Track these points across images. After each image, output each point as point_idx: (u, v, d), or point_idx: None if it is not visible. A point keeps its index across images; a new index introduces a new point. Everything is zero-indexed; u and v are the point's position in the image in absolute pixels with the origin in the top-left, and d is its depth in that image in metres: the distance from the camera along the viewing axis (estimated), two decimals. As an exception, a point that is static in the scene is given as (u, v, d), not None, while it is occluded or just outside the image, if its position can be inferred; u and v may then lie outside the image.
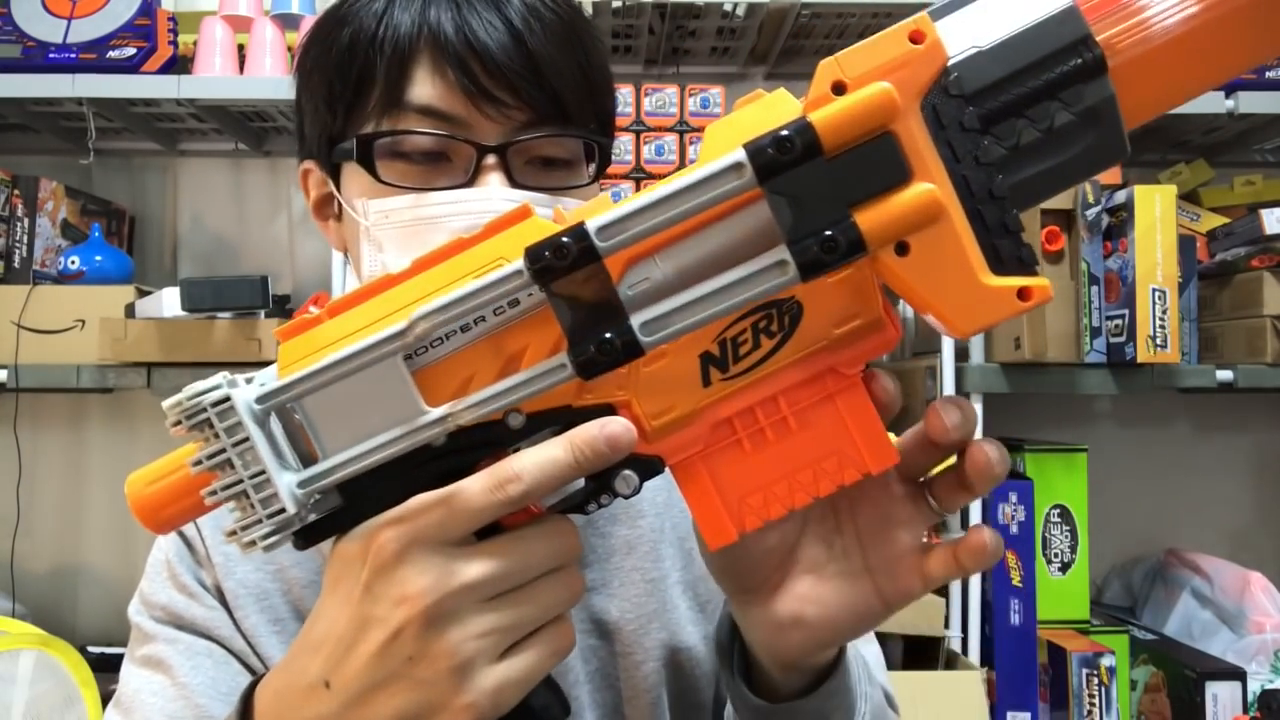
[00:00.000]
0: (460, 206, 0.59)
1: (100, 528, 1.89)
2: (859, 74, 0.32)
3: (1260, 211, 1.57)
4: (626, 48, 1.83)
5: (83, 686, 1.45)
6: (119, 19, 1.63)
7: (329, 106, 0.62)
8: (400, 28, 0.59)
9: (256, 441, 0.38)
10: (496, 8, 0.59)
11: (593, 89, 0.63)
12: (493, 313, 0.38)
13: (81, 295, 1.61)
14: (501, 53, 0.58)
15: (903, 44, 0.32)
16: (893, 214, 0.32)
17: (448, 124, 0.59)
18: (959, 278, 0.33)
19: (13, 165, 1.75)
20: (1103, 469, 1.79)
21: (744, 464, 0.38)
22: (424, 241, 0.60)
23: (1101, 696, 1.56)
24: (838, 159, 0.32)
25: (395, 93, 0.59)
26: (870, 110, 0.32)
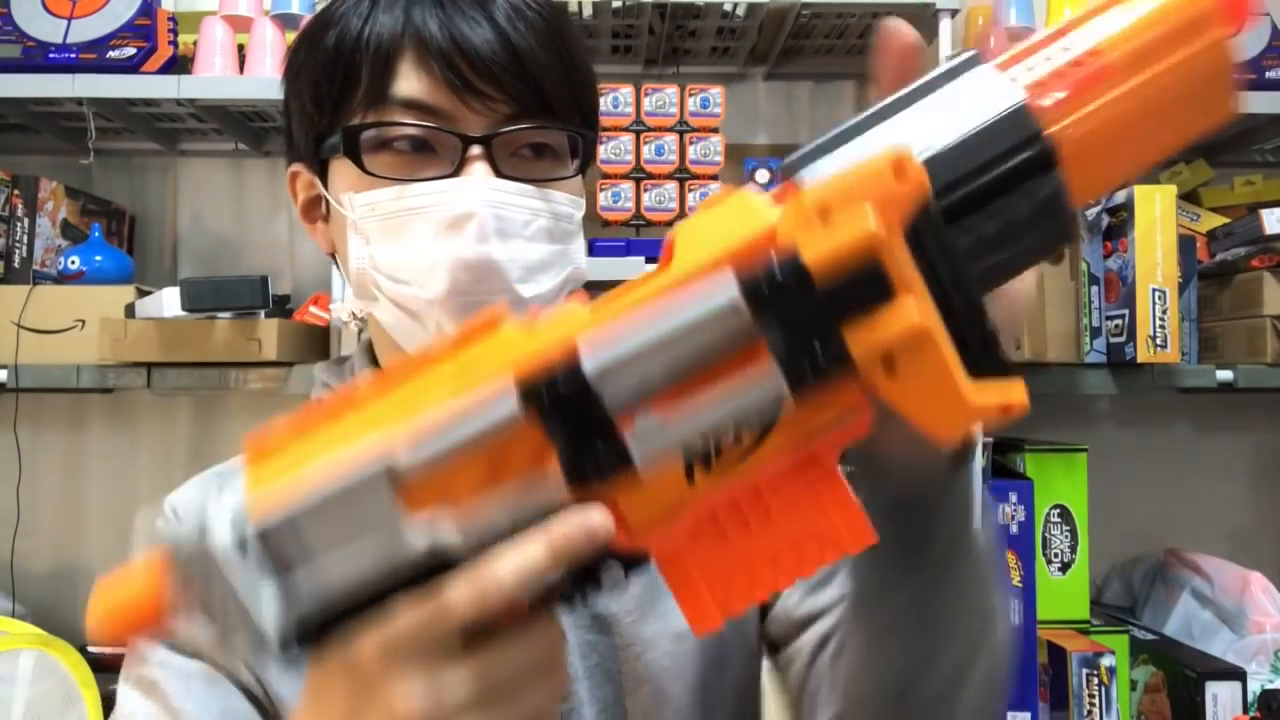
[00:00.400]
0: (445, 196, 0.60)
1: (100, 528, 1.89)
2: (846, 204, 0.33)
3: (1260, 211, 1.57)
4: (626, 48, 1.83)
5: (83, 686, 1.45)
6: (119, 19, 1.63)
7: (316, 105, 0.63)
8: (385, 26, 0.60)
9: (237, 586, 0.37)
10: (480, 6, 0.60)
11: (575, 85, 0.63)
12: (487, 427, 0.37)
13: (81, 295, 1.61)
14: (485, 47, 0.59)
15: (887, 176, 0.33)
16: (881, 334, 0.33)
17: (433, 116, 0.60)
18: (943, 394, 0.33)
19: (13, 165, 1.75)
20: (1103, 469, 1.79)
21: (728, 552, 0.39)
22: (409, 232, 0.60)
23: (1101, 696, 1.56)
24: (827, 284, 0.33)
25: (380, 88, 0.60)
26: (858, 244, 0.33)
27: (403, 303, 0.62)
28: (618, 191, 1.61)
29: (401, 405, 0.38)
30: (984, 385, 0.34)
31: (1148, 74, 0.37)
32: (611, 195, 1.61)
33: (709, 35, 1.76)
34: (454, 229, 0.60)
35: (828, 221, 0.33)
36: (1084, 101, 0.37)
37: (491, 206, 0.60)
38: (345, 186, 0.63)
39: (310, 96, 0.63)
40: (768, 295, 0.33)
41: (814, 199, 0.33)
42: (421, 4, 0.60)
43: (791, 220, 0.34)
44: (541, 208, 0.62)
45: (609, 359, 0.35)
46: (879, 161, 0.33)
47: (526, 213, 0.61)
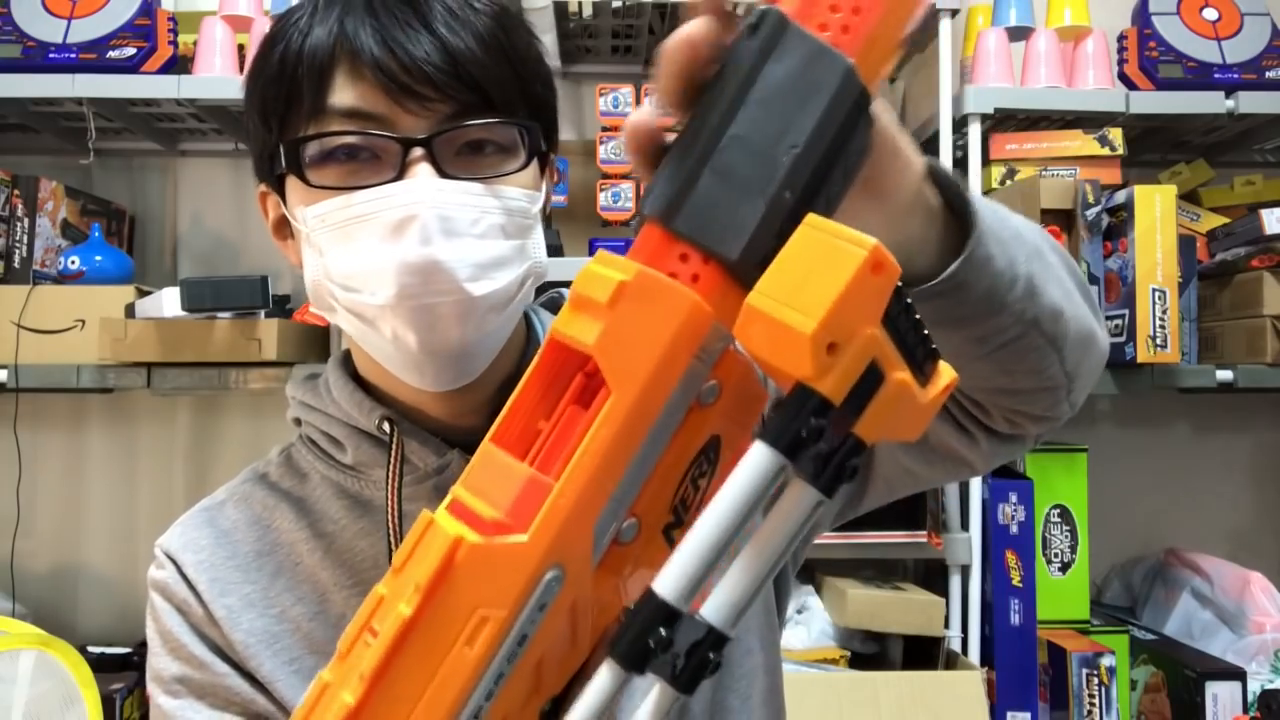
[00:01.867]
0: (388, 201, 0.59)
1: (100, 528, 1.89)
2: (845, 330, 0.33)
3: (1260, 211, 1.57)
4: (627, 48, 1.83)
5: (83, 686, 1.45)
6: (119, 19, 1.63)
7: (264, 123, 0.63)
8: (319, 39, 0.60)
9: None
10: (414, 9, 0.60)
11: (521, 78, 0.63)
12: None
13: (81, 295, 1.61)
14: (418, 49, 0.59)
15: (868, 279, 0.33)
16: (882, 417, 0.34)
17: (371, 123, 0.60)
18: (909, 413, 0.35)
19: (13, 165, 1.75)
20: (1103, 469, 1.79)
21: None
22: (357, 240, 0.60)
23: (1101, 696, 1.56)
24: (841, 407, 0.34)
25: (319, 101, 0.60)
26: (863, 362, 0.33)
27: (357, 310, 0.62)
28: (617, 191, 1.61)
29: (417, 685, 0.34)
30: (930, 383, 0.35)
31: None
32: (611, 195, 1.61)
33: (709, 35, 1.76)
34: (397, 232, 0.59)
35: (835, 353, 0.33)
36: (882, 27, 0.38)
37: (434, 207, 0.59)
38: (297, 201, 0.63)
39: (259, 114, 0.64)
40: (808, 444, 0.33)
41: (820, 335, 0.32)
42: (354, 14, 0.60)
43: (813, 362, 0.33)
44: (492, 204, 0.62)
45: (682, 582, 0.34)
46: (855, 263, 0.32)
47: (474, 210, 0.61)
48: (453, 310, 0.60)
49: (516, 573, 0.34)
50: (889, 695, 1.46)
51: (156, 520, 1.87)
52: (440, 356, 0.62)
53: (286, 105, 0.62)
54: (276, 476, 0.72)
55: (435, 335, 0.60)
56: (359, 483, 0.68)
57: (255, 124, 0.65)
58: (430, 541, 0.34)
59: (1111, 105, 1.67)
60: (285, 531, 0.69)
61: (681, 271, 0.36)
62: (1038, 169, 1.68)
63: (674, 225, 0.36)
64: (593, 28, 1.75)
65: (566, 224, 1.70)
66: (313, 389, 0.72)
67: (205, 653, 0.66)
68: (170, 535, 0.70)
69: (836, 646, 1.60)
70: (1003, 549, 1.61)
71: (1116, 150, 1.68)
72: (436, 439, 0.67)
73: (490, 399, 0.68)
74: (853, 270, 0.32)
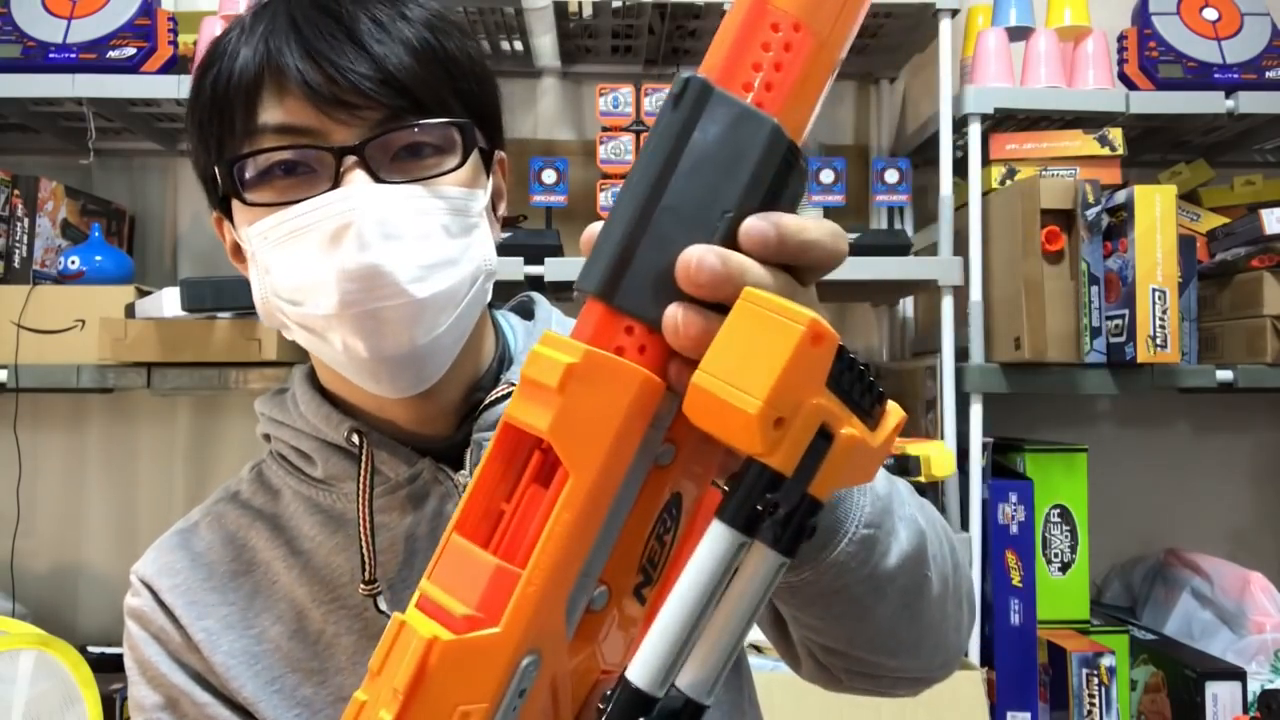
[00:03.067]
0: (325, 210, 0.59)
1: (100, 528, 1.89)
2: (790, 404, 0.33)
3: (1260, 211, 1.57)
4: (627, 48, 1.83)
5: (83, 686, 1.45)
6: (119, 19, 1.63)
7: (204, 148, 0.64)
8: (246, 59, 0.60)
9: None
10: (337, 21, 0.60)
11: (454, 78, 0.63)
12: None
13: (81, 295, 1.61)
14: (343, 59, 0.59)
15: (807, 351, 0.33)
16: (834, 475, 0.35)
17: (303, 137, 0.60)
18: (860, 460, 0.35)
19: (13, 165, 1.75)
20: (1103, 469, 1.79)
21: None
22: (297, 252, 0.60)
23: (1101, 696, 1.56)
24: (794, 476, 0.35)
25: (250, 120, 0.60)
26: (810, 431, 0.34)
27: (306, 324, 0.62)
28: (617, 191, 1.61)
29: None
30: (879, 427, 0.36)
31: (848, 28, 0.39)
32: (611, 195, 1.61)
33: (709, 35, 1.75)
34: (334, 241, 0.59)
35: (782, 428, 0.33)
36: (807, 84, 0.38)
37: (369, 211, 0.59)
38: (242, 222, 0.63)
39: (198, 140, 0.64)
40: (761, 517, 0.34)
41: (766, 414, 0.33)
42: (278, 33, 0.60)
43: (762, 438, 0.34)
44: (432, 205, 0.61)
45: (654, 667, 0.34)
46: (794, 338, 0.33)
47: (413, 213, 0.60)
48: (399, 314, 0.60)
49: (493, 666, 0.34)
50: (889, 695, 1.45)
51: (156, 520, 1.87)
52: (393, 361, 0.61)
53: (220, 128, 0.62)
54: (248, 494, 0.71)
55: (385, 341, 0.60)
56: (331, 496, 0.68)
57: (197, 151, 0.65)
58: (405, 644, 0.34)
59: (1111, 105, 1.67)
60: (260, 550, 0.69)
61: (628, 345, 0.37)
62: (1038, 169, 1.68)
63: (615, 301, 0.37)
64: (593, 28, 1.75)
65: (566, 224, 1.69)
66: (280, 404, 0.71)
67: (185, 680, 0.66)
68: (145, 561, 0.70)
69: (836, 646, 1.60)
70: (1003, 549, 1.61)
71: (1116, 150, 1.68)
72: (406, 448, 0.66)
73: (457, 404, 0.67)
74: (792, 346, 0.33)
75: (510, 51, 1.87)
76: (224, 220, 0.67)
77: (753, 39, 0.38)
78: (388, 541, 0.66)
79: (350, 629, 0.66)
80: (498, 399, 0.67)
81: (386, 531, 0.66)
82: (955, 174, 1.66)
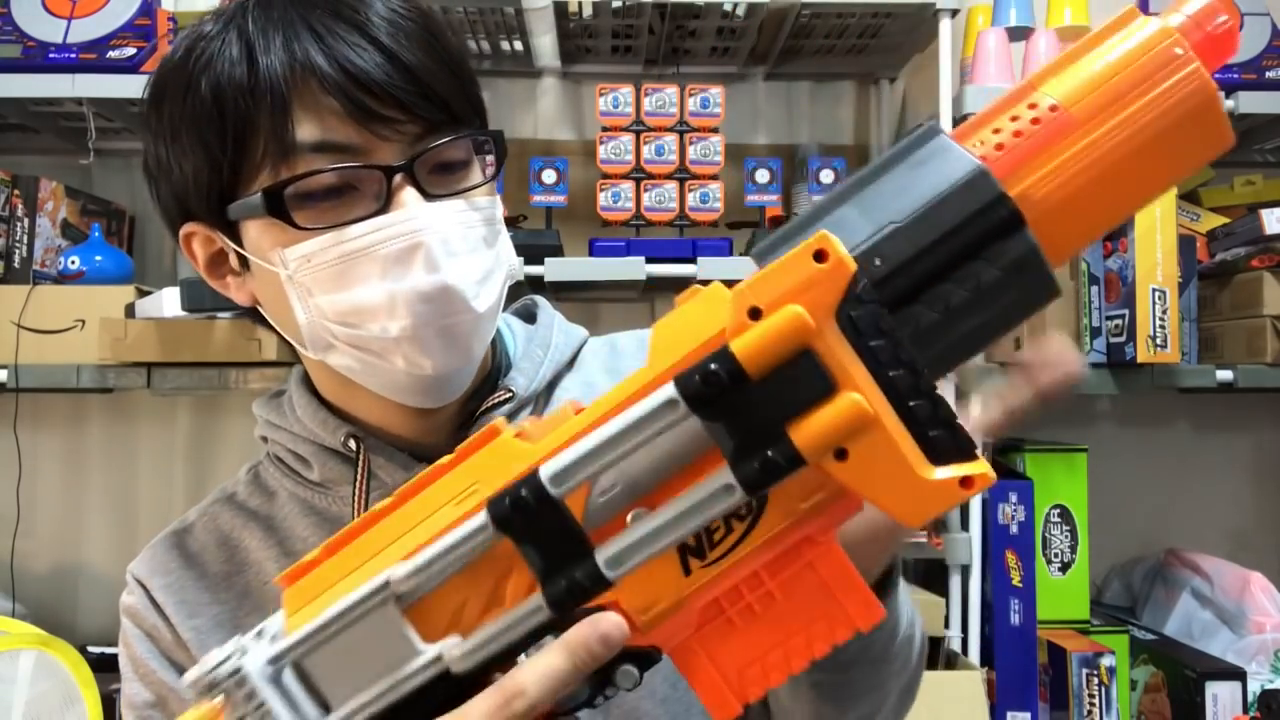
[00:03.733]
0: (386, 232, 0.58)
1: (100, 528, 1.89)
2: (772, 299, 0.34)
3: (1260, 211, 1.57)
4: (626, 48, 1.83)
5: (83, 686, 1.45)
6: (119, 19, 1.63)
7: (211, 165, 0.59)
8: (273, 69, 0.56)
9: (272, 704, 0.40)
10: (359, 29, 0.58)
11: (463, 83, 0.62)
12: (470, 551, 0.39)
13: (81, 295, 1.61)
14: (379, 72, 0.57)
15: (808, 264, 0.34)
16: (824, 426, 0.34)
17: (347, 154, 0.58)
18: (899, 475, 0.34)
19: (13, 165, 1.75)
20: (1103, 469, 1.79)
21: (737, 639, 0.39)
22: (357, 275, 0.58)
23: (1101, 696, 1.56)
24: (764, 380, 0.34)
25: (283, 137, 0.57)
26: (785, 333, 0.33)
27: (363, 345, 0.60)
28: (618, 191, 1.61)
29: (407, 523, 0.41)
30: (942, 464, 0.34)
31: (1114, 120, 0.37)
32: (611, 195, 1.61)
33: (709, 35, 1.76)
34: (402, 263, 0.58)
35: (757, 318, 0.33)
36: (1048, 157, 0.37)
37: (435, 232, 0.58)
38: (272, 243, 0.59)
39: (201, 156, 0.59)
40: (701, 389, 0.34)
41: (742, 298, 0.34)
42: (298, 38, 0.57)
43: (733, 320, 0.35)
44: (474, 218, 0.61)
45: (563, 463, 0.37)
46: (801, 250, 0.34)
47: (462, 228, 0.60)
48: (465, 329, 0.60)
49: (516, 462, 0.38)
50: (889, 695, 1.45)
51: (156, 520, 1.87)
52: (451, 375, 0.62)
53: (238, 144, 0.58)
54: (244, 496, 0.71)
55: (452, 356, 0.60)
56: (326, 499, 0.68)
57: (192, 165, 0.60)
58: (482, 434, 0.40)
59: (1111, 105, 1.66)
60: (253, 550, 0.69)
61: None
62: (1038, 169, 1.67)
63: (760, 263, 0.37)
64: (593, 28, 1.75)
65: (566, 224, 1.69)
66: (277, 407, 0.71)
67: (174, 677, 0.66)
68: (140, 560, 0.70)
69: (836, 646, 1.60)
70: (1003, 549, 1.61)
71: (1116, 150, 1.67)
72: (403, 454, 0.66)
73: (456, 414, 0.67)
74: (791, 254, 0.34)
75: (510, 51, 1.86)
76: (196, 235, 0.63)
77: (1004, 112, 0.38)
78: None
79: None
80: (494, 405, 0.67)
81: None
82: (955, 174, 1.66)
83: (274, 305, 0.63)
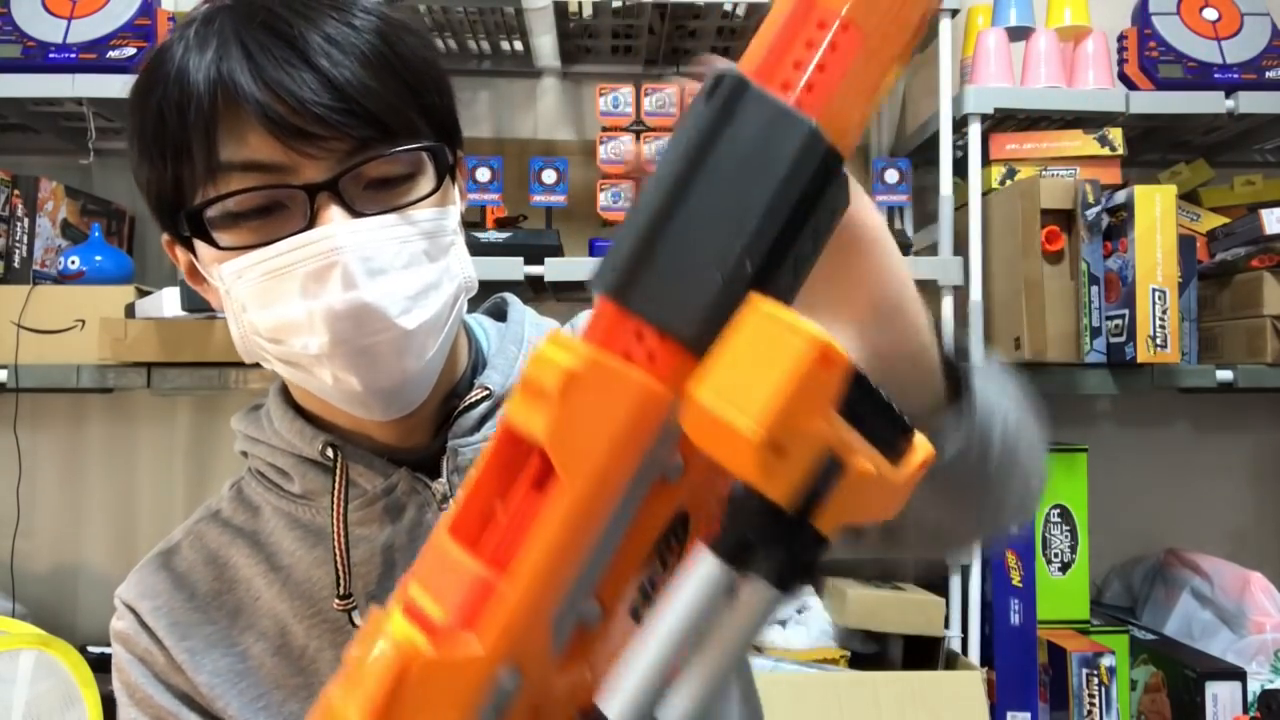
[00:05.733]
0: (307, 250, 0.57)
1: (100, 528, 1.89)
2: (793, 428, 0.31)
3: (1260, 211, 1.57)
4: (626, 48, 1.83)
5: (83, 686, 1.45)
6: (119, 19, 1.63)
7: (158, 179, 0.60)
8: (198, 87, 0.56)
9: None
10: (290, 45, 0.57)
11: (414, 93, 0.60)
12: None
13: (81, 295, 1.61)
14: (304, 89, 0.56)
15: (818, 375, 0.31)
16: (844, 506, 0.32)
17: (271, 174, 0.57)
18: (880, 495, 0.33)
19: (13, 165, 1.75)
20: (1103, 469, 1.79)
21: None
22: (279, 293, 0.58)
23: (1101, 696, 1.56)
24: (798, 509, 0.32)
25: (211, 157, 0.57)
26: (816, 462, 0.32)
27: (291, 360, 0.61)
28: (618, 191, 1.61)
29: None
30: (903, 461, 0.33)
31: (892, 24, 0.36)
32: (611, 195, 1.61)
33: (709, 35, 1.76)
34: (319, 281, 0.57)
35: (782, 455, 0.31)
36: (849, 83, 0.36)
37: (353, 249, 0.57)
38: (211, 258, 0.60)
39: (150, 171, 0.60)
40: (748, 551, 0.32)
41: (764, 438, 0.31)
42: (229, 58, 0.56)
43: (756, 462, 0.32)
44: (410, 233, 0.60)
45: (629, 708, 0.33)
46: (799, 359, 0.31)
47: (393, 244, 0.59)
48: (390, 347, 0.59)
49: (466, 683, 0.33)
50: (889, 695, 1.46)
51: (156, 520, 1.87)
52: (385, 391, 0.61)
53: (176, 160, 0.58)
54: (229, 513, 0.71)
55: (378, 373, 0.59)
56: (310, 510, 0.67)
57: (145, 171, 0.61)
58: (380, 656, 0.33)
59: (1111, 105, 1.67)
60: (242, 568, 0.68)
61: (636, 351, 0.34)
62: (1038, 169, 1.68)
63: (626, 302, 0.34)
64: (593, 28, 1.75)
65: (566, 224, 1.69)
66: (255, 421, 0.70)
67: (171, 701, 0.66)
68: (128, 584, 0.70)
69: (836, 646, 1.60)
70: (1003, 549, 1.61)
71: (1116, 150, 1.68)
72: (382, 459, 0.66)
73: (434, 415, 0.67)
74: (797, 368, 0.30)
75: (510, 51, 1.87)
76: (175, 244, 0.64)
77: (797, 36, 0.36)
78: (366, 554, 0.65)
79: (333, 643, 0.66)
80: (472, 404, 0.67)
81: (365, 544, 0.66)
82: (955, 174, 1.66)
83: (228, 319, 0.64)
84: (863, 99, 0.37)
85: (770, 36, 0.36)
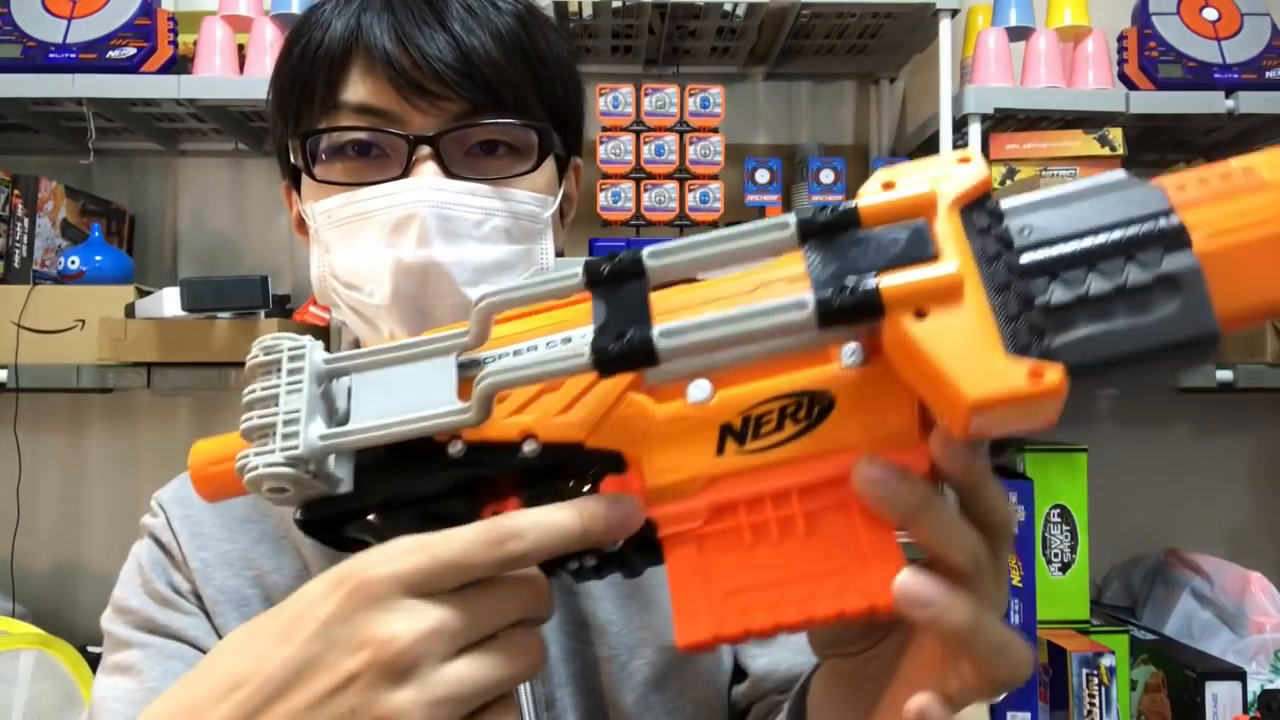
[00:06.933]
0: (391, 199, 0.59)
1: (100, 528, 1.89)
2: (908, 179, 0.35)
3: (1260, 211, 1.57)
4: (626, 48, 1.83)
5: (83, 686, 1.45)
6: (119, 19, 1.63)
7: (281, 117, 0.64)
8: (336, 34, 0.60)
9: (305, 388, 0.40)
10: (431, 7, 0.60)
11: (539, 79, 0.62)
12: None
13: (81, 295, 1.61)
14: (430, 46, 0.58)
15: (952, 163, 0.35)
16: (913, 280, 0.33)
17: (380, 119, 0.60)
18: (971, 345, 0.32)
19: (13, 165, 1.75)
20: (1103, 469, 1.79)
21: (739, 557, 0.35)
22: (359, 237, 0.60)
23: (1101, 696, 1.56)
24: (874, 230, 0.35)
25: (331, 95, 0.60)
26: (910, 202, 0.35)
27: (357, 308, 0.62)
28: (618, 191, 1.61)
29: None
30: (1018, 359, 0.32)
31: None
32: (611, 195, 1.61)
33: (709, 35, 1.76)
34: (397, 232, 0.59)
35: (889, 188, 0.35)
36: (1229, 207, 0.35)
37: (434, 207, 0.58)
38: (309, 196, 0.63)
39: (277, 109, 0.64)
40: (816, 226, 0.35)
41: (881, 176, 0.35)
42: (372, 10, 0.60)
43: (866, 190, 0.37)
44: (497, 206, 0.61)
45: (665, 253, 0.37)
46: (948, 154, 0.35)
47: (478, 212, 0.60)
48: (449, 314, 0.59)
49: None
50: (889, 695, 1.45)
51: (156, 520, 1.87)
52: None
53: (300, 100, 0.62)
54: None
55: None
56: None
57: (274, 119, 0.65)
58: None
59: (1111, 105, 1.67)
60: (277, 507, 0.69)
61: None
62: (1038, 169, 1.67)
63: None
64: (593, 28, 1.75)
65: (566, 224, 1.70)
66: None
67: (172, 592, 0.66)
68: (168, 487, 0.71)
69: (836, 646, 1.60)
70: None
71: (1116, 150, 1.68)
72: None
73: None
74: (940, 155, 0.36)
75: (510, 51, 1.86)
76: (291, 191, 0.67)
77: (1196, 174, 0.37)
78: None
79: None
80: None
81: None
82: (955, 174, 1.66)
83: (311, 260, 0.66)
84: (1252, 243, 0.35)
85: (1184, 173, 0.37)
